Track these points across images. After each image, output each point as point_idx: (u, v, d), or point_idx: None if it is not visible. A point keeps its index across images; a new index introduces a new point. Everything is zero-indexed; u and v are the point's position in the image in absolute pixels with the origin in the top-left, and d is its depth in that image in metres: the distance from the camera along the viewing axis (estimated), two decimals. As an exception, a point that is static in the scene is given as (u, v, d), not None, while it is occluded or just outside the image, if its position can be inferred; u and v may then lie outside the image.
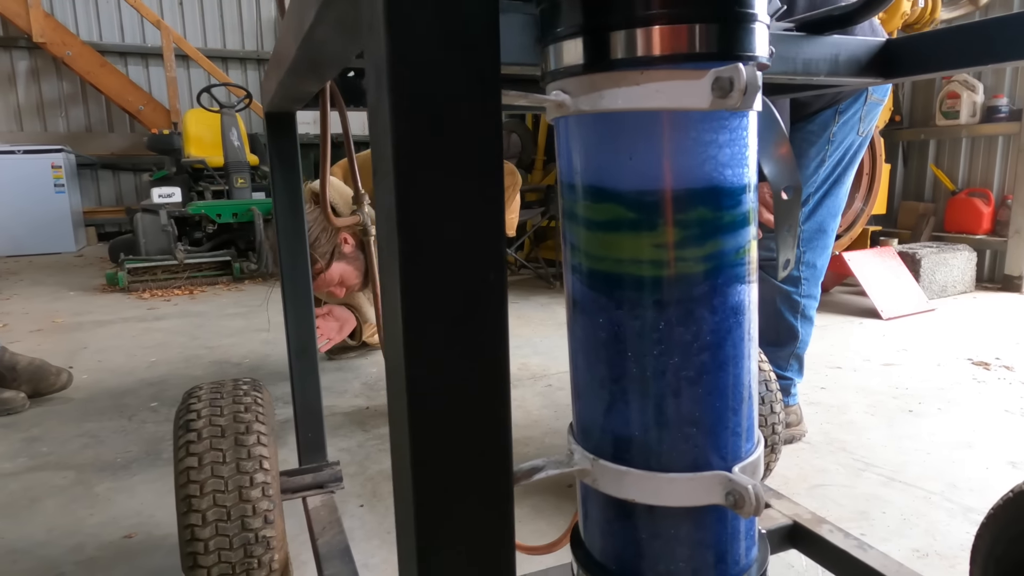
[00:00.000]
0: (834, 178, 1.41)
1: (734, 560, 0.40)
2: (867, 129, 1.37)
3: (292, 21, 0.55)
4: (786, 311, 1.57)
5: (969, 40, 0.75)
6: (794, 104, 1.37)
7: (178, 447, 0.99)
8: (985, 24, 0.73)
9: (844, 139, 1.35)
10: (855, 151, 1.38)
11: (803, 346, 1.63)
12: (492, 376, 0.31)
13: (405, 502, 0.31)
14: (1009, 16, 0.70)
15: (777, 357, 1.62)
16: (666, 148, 0.34)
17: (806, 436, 1.73)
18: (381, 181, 0.30)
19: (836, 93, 1.36)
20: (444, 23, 0.27)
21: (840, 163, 1.40)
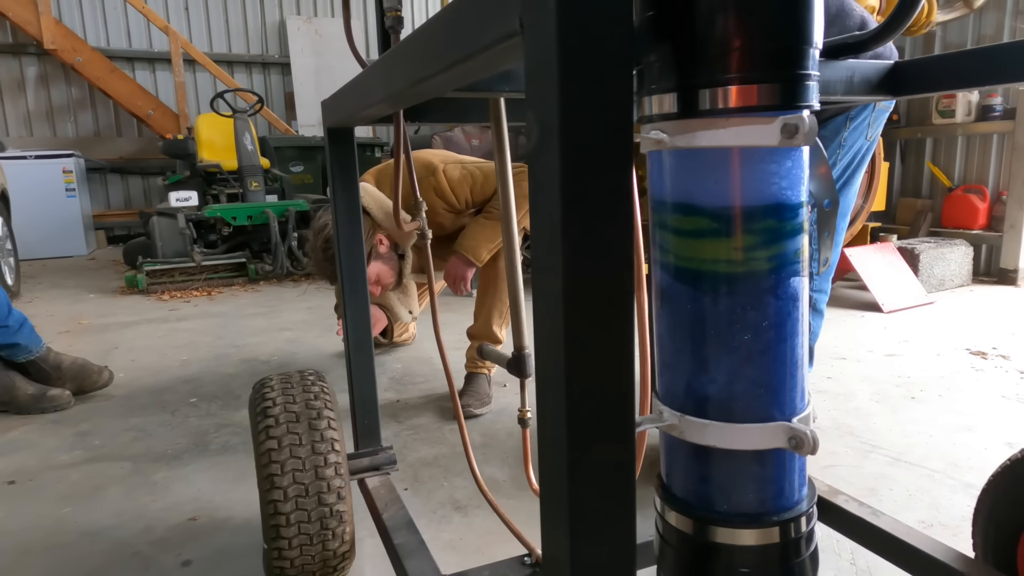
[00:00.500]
0: (843, 180, 1.51)
1: (790, 494, 0.51)
2: (875, 134, 1.47)
3: (404, 61, 0.66)
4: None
5: (966, 64, 0.85)
6: None
7: (258, 431, 1.10)
8: (980, 51, 0.84)
9: (854, 144, 1.45)
10: (863, 155, 1.49)
11: (814, 338, 1.73)
12: (622, 347, 0.42)
13: (558, 431, 0.42)
14: (1001, 45, 0.81)
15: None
16: (743, 175, 0.45)
17: (816, 422, 1.85)
18: (542, 202, 0.40)
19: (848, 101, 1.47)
20: (599, 93, 0.38)
21: (849, 166, 1.51)
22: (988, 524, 0.98)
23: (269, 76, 7.58)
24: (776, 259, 0.46)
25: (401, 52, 0.66)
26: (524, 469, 1.11)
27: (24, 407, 2.11)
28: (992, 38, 3.89)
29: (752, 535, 0.50)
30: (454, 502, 1.51)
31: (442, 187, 1.98)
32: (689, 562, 0.52)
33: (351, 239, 1.23)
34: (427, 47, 0.58)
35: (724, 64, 0.43)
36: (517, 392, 2.18)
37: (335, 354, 2.72)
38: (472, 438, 1.86)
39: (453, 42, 0.51)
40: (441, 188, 1.98)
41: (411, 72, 0.64)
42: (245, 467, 1.70)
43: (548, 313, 0.41)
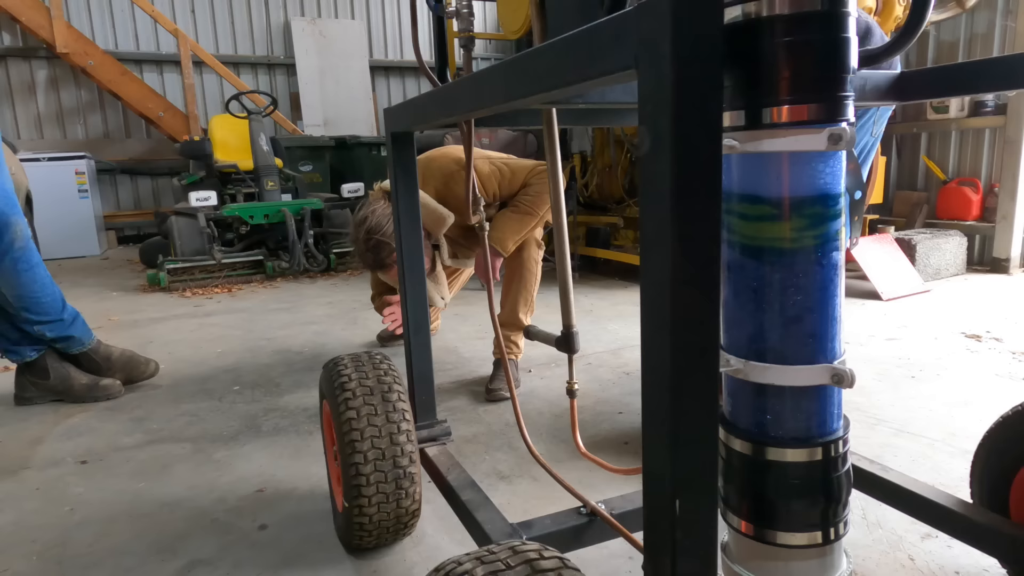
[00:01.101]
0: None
1: (830, 422, 0.65)
2: (879, 131, 1.61)
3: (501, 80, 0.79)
4: None
5: (960, 75, 0.99)
6: None
7: (337, 403, 1.24)
8: (971, 64, 0.98)
9: (860, 140, 1.59)
10: (869, 149, 1.62)
11: None
12: (712, 305, 0.55)
13: (661, 376, 0.55)
14: (992, 59, 0.95)
15: None
16: (796, 173, 0.58)
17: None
18: (651, 198, 0.54)
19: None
20: (698, 114, 0.51)
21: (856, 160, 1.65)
22: (983, 473, 1.13)
23: (274, 77, 7.70)
24: (821, 237, 0.60)
25: (499, 73, 0.80)
26: (572, 434, 1.25)
27: (79, 396, 2.24)
28: (984, 36, 4.04)
29: (800, 454, 0.64)
30: (498, 472, 1.65)
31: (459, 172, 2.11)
32: (751, 477, 0.66)
33: (411, 233, 1.36)
34: (530, 72, 0.72)
35: (782, 89, 0.57)
36: (542, 377, 2.34)
37: (362, 344, 2.85)
38: (506, 418, 2.00)
39: (564, 71, 0.64)
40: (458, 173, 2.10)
41: (509, 91, 0.78)
42: (299, 446, 1.84)
43: (657, 280, 0.55)
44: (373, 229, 2.02)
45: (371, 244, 2.02)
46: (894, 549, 1.27)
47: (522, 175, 2.17)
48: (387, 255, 2.04)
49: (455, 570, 0.64)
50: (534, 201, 2.14)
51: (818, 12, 0.55)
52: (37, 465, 1.77)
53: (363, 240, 2.03)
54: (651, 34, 0.52)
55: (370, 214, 2.03)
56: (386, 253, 2.04)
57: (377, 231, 2.02)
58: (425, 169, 2.23)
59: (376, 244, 2.03)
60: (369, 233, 2.02)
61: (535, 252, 2.27)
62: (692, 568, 0.58)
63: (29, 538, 1.42)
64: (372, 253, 2.03)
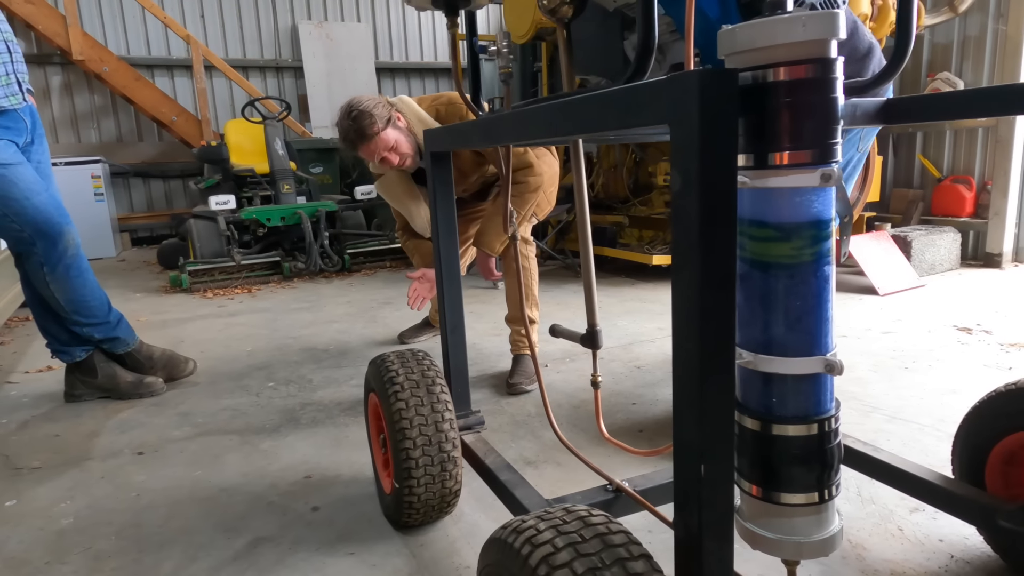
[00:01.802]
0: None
1: (824, 403, 0.79)
2: (866, 147, 1.75)
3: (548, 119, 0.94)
4: None
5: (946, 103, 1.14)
6: None
7: (387, 395, 1.38)
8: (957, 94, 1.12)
9: (845, 155, 1.72)
10: (855, 165, 1.76)
11: None
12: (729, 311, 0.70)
13: (690, 366, 0.70)
14: (971, 90, 1.10)
15: None
16: (795, 203, 0.73)
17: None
18: (682, 225, 0.69)
19: None
20: (718, 160, 0.66)
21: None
22: (963, 450, 1.27)
23: (282, 80, 7.83)
24: (816, 254, 0.75)
25: (544, 113, 0.94)
26: (596, 422, 1.39)
27: (125, 393, 2.39)
28: (976, 39, 4.18)
29: (800, 429, 0.79)
30: (524, 459, 1.80)
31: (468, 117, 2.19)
32: (759, 448, 0.80)
33: (447, 238, 1.51)
34: (574, 116, 0.86)
35: (784, 138, 0.71)
36: (559, 371, 2.49)
37: (384, 342, 3.00)
38: (527, 409, 2.15)
39: (607, 119, 0.79)
40: (467, 117, 2.19)
41: (552, 128, 0.92)
42: (337, 436, 1.99)
43: (687, 290, 0.70)
44: (354, 104, 2.10)
45: (353, 115, 2.08)
46: (885, 521, 1.42)
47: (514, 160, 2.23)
48: (368, 125, 2.10)
49: (521, 526, 0.78)
50: (517, 202, 2.23)
51: (812, 79, 0.70)
52: (98, 456, 1.93)
53: (345, 114, 2.10)
54: (683, 98, 0.66)
55: (352, 98, 2.13)
56: (367, 122, 2.09)
57: (359, 105, 2.09)
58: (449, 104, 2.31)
59: (358, 114, 2.08)
60: (350, 107, 2.09)
61: (526, 249, 2.39)
62: (714, 518, 0.73)
63: (105, 520, 1.57)
64: (354, 123, 2.08)
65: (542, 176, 2.24)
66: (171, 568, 1.36)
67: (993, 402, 1.24)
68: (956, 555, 1.29)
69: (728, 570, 0.74)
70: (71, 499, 1.68)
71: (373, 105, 2.12)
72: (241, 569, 1.35)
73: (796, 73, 0.70)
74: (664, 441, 1.85)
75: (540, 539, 0.74)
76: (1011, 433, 1.19)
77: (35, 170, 2.20)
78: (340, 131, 2.16)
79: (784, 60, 0.70)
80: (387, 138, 2.14)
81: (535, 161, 2.23)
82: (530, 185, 2.20)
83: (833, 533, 0.81)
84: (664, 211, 4.30)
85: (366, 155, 2.21)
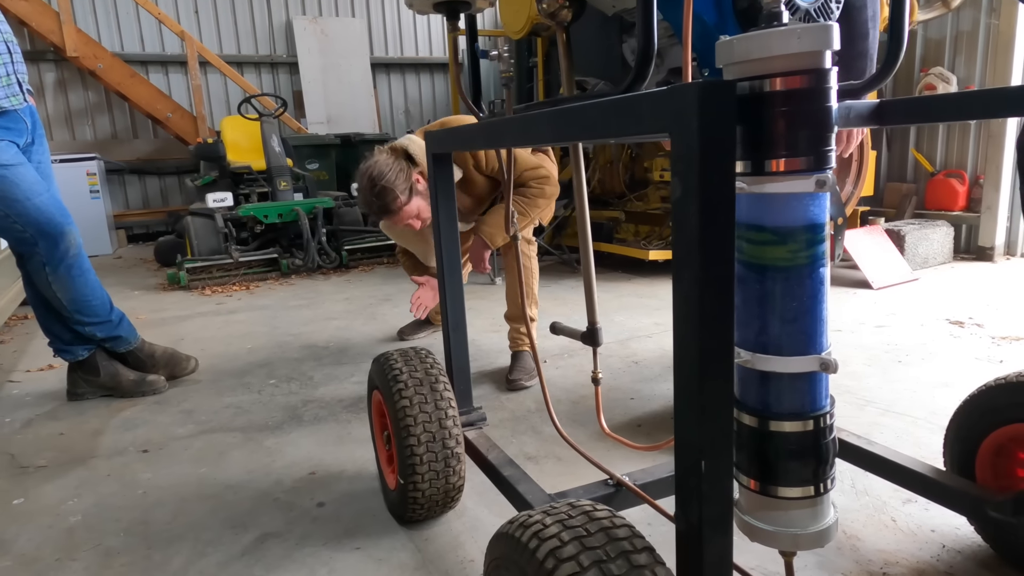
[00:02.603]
0: None
1: (820, 400, 0.82)
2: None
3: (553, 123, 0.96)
4: None
5: (933, 105, 1.16)
6: None
7: (392, 393, 1.41)
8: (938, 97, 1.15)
9: None
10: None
11: None
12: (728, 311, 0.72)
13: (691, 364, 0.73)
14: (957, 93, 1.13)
15: None
16: (791, 208, 0.75)
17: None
18: (683, 230, 0.71)
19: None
20: (717, 167, 0.69)
21: None
22: (954, 443, 1.31)
23: (277, 76, 7.82)
24: (811, 257, 0.77)
25: (547, 118, 0.96)
26: (597, 417, 1.42)
27: (127, 391, 2.41)
28: (969, 34, 4.21)
29: (796, 425, 0.81)
30: (525, 454, 1.83)
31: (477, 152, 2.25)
32: (757, 445, 0.83)
33: (449, 239, 1.53)
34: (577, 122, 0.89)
35: (780, 146, 0.74)
36: (557, 367, 2.51)
37: (383, 339, 3.03)
38: (527, 405, 2.18)
39: (609, 126, 0.81)
40: (476, 153, 2.25)
41: (556, 133, 0.95)
42: (340, 433, 2.01)
43: (687, 292, 0.72)
44: (376, 177, 2.10)
45: (376, 191, 2.10)
46: (879, 512, 1.45)
47: (522, 169, 2.28)
48: (391, 200, 2.12)
49: (528, 520, 0.81)
50: (528, 203, 2.26)
51: (807, 89, 0.72)
52: (103, 454, 1.95)
53: (368, 188, 2.11)
54: (683, 110, 0.69)
55: (372, 164, 2.12)
56: (391, 198, 2.12)
57: (380, 179, 2.10)
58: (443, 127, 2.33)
59: (381, 190, 2.10)
60: (373, 181, 2.10)
61: (527, 248, 2.43)
62: (714, 512, 0.76)
63: (113, 517, 1.59)
64: (378, 199, 2.11)
65: (557, 187, 2.31)
66: (180, 564, 1.39)
67: (983, 396, 1.27)
68: (947, 545, 1.33)
69: (728, 562, 0.77)
70: (78, 497, 1.70)
71: (395, 176, 2.12)
72: (249, 564, 1.38)
73: (791, 83, 0.72)
74: (662, 436, 1.88)
75: (547, 533, 0.77)
76: (1001, 426, 1.23)
77: (36, 170, 2.21)
78: (364, 202, 2.18)
79: (780, 71, 0.73)
80: (411, 209, 2.18)
81: (552, 172, 2.29)
82: (546, 192, 2.28)
83: (828, 525, 0.84)
84: (660, 206, 4.32)
85: (390, 224, 2.26)
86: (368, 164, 2.16)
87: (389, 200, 2.12)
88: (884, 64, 1.08)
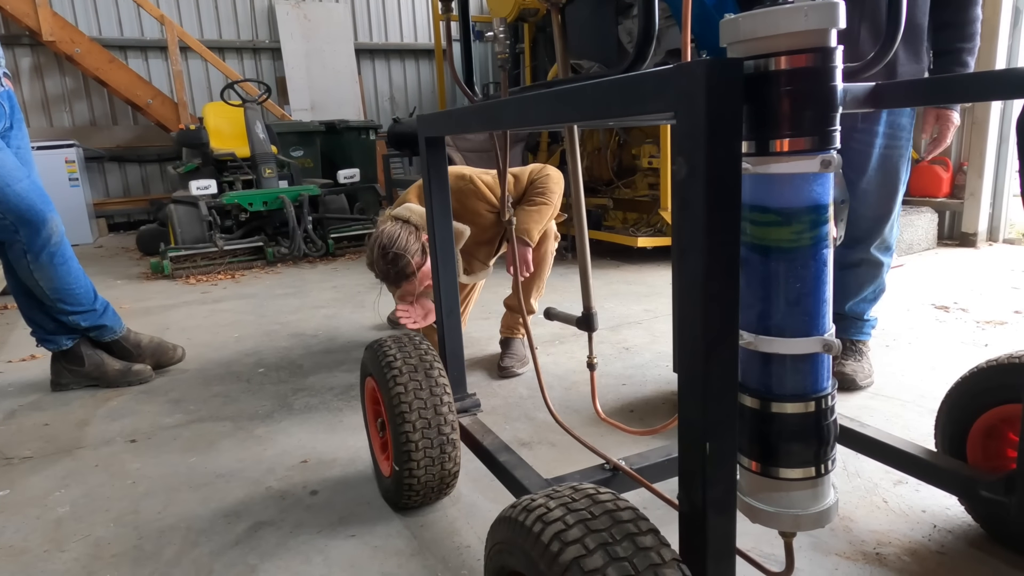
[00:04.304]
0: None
1: (821, 381, 0.82)
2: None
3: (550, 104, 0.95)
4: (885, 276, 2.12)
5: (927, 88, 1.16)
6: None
7: (386, 379, 1.40)
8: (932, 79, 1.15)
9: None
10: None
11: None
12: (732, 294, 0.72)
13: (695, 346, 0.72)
14: (955, 75, 1.13)
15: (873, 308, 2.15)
16: (796, 188, 0.75)
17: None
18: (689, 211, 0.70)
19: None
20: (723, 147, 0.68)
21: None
22: (946, 424, 1.32)
23: (260, 61, 7.70)
24: (815, 238, 0.77)
25: (546, 99, 0.95)
26: (592, 403, 1.42)
27: (113, 381, 2.37)
28: (954, 21, 4.23)
29: (798, 407, 0.81)
30: (519, 440, 1.82)
31: (481, 191, 2.23)
32: (759, 426, 0.83)
33: (443, 226, 1.51)
34: (576, 103, 0.87)
35: (785, 125, 0.73)
36: (548, 354, 2.51)
37: (374, 327, 3.01)
38: (519, 392, 2.17)
39: (610, 107, 0.80)
40: (480, 192, 2.23)
41: (554, 115, 0.93)
42: (331, 421, 2.00)
43: (692, 273, 0.72)
44: (387, 245, 2.07)
45: (389, 258, 2.07)
46: (870, 494, 1.47)
47: (525, 176, 2.29)
48: (406, 265, 2.10)
49: (531, 504, 0.81)
50: (545, 193, 2.26)
51: (813, 67, 0.72)
52: (90, 444, 1.92)
53: (380, 256, 2.08)
54: (689, 88, 0.68)
55: (379, 235, 2.09)
56: (405, 263, 2.10)
57: (392, 246, 2.07)
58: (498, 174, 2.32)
59: (395, 257, 2.08)
60: (384, 249, 2.07)
61: (552, 245, 2.40)
62: (718, 494, 0.76)
63: (102, 508, 1.57)
64: (392, 265, 2.07)
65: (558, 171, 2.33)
66: (173, 553, 1.37)
67: (975, 378, 1.29)
68: (938, 524, 1.34)
69: (731, 543, 0.78)
70: (66, 487, 1.67)
71: (405, 240, 2.08)
72: (243, 553, 1.36)
73: (797, 62, 0.72)
74: (655, 421, 1.88)
75: (551, 517, 0.76)
76: (992, 407, 1.24)
77: (15, 156, 2.16)
78: (379, 272, 2.12)
79: (786, 49, 0.72)
80: (426, 270, 2.12)
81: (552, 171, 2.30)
82: (551, 177, 2.28)
83: (829, 505, 0.85)
84: (648, 193, 4.32)
85: (404, 292, 2.20)
86: (375, 235, 2.12)
87: (404, 265, 2.08)
88: (881, 46, 1.08)
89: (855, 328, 2.13)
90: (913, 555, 1.26)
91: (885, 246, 2.07)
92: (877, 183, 1.97)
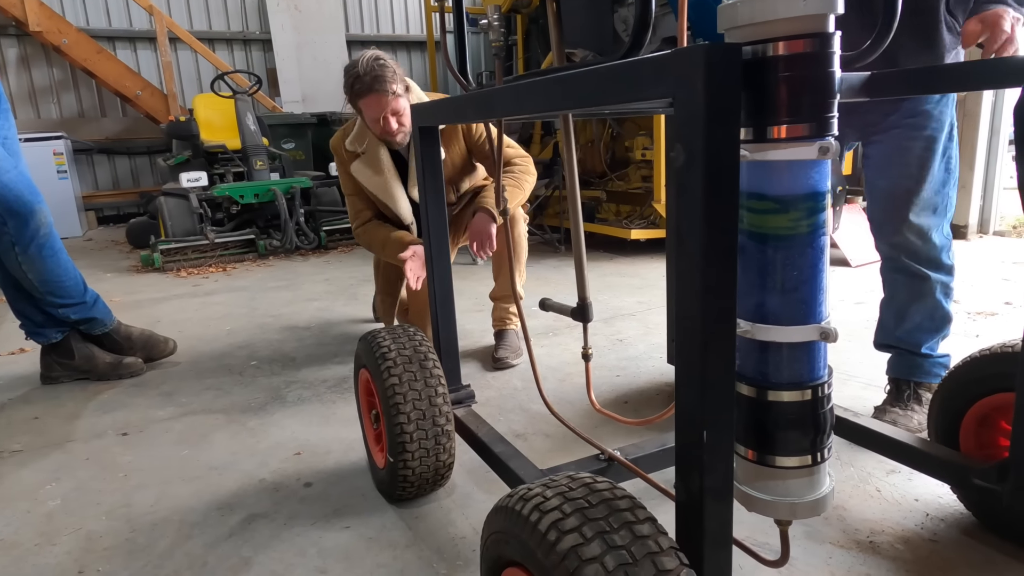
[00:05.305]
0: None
1: (818, 370, 0.82)
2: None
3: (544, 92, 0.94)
4: (944, 300, 1.76)
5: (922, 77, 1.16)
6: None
7: (380, 371, 1.39)
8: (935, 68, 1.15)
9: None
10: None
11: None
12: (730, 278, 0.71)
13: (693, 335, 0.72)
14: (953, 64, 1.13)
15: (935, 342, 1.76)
16: (794, 175, 0.74)
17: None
18: (688, 198, 0.70)
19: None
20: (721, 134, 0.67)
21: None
22: (939, 413, 1.33)
23: (250, 53, 7.64)
24: (812, 225, 0.77)
25: (541, 87, 0.94)
26: (587, 394, 1.42)
27: (104, 374, 2.35)
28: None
29: (795, 395, 0.81)
30: (513, 431, 1.82)
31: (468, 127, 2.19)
32: (755, 414, 0.83)
33: (436, 215, 1.50)
34: (572, 91, 0.86)
35: (782, 112, 0.73)
36: (542, 345, 2.50)
37: (366, 320, 2.99)
38: (513, 383, 2.17)
39: (607, 94, 0.79)
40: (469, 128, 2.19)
41: (549, 103, 0.92)
42: (325, 413, 1.99)
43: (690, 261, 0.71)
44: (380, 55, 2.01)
45: (379, 61, 1.97)
46: (864, 483, 1.47)
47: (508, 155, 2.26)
48: (391, 78, 2.00)
49: (528, 493, 0.80)
50: (519, 178, 2.24)
51: (811, 53, 0.71)
52: (81, 438, 1.90)
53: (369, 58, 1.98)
54: (688, 74, 0.67)
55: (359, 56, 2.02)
56: (390, 76, 2.00)
57: (384, 58, 2.01)
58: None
59: (383, 63, 1.98)
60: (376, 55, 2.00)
61: (522, 226, 2.39)
62: (715, 482, 0.75)
63: (94, 501, 1.56)
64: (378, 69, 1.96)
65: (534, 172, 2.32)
66: (166, 546, 1.37)
67: (968, 367, 1.29)
68: (931, 513, 1.35)
69: (728, 531, 0.77)
70: (56, 481, 1.66)
71: (395, 69, 2.03)
72: (237, 545, 1.36)
73: (795, 48, 0.71)
74: (649, 412, 1.89)
75: (548, 506, 0.76)
76: (984, 396, 1.24)
77: (2, 146, 2.13)
78: (354, 73, 1.99)
79: (784, 35, 0.71)
80: (399, 102, 2.06)
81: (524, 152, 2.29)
82: (529, 169, 2.27)
83: (825, 494, 0.85)
84: (641, 186, 4.32)
85: (370, 108, 2.07)
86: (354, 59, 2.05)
87: (388, 75, 1.99)
88: (877, 33, 1.07)
89: (912, 366, 1.75)
90: (906, 543, 1.26)
91: (927, 258, 1.78)
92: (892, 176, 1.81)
